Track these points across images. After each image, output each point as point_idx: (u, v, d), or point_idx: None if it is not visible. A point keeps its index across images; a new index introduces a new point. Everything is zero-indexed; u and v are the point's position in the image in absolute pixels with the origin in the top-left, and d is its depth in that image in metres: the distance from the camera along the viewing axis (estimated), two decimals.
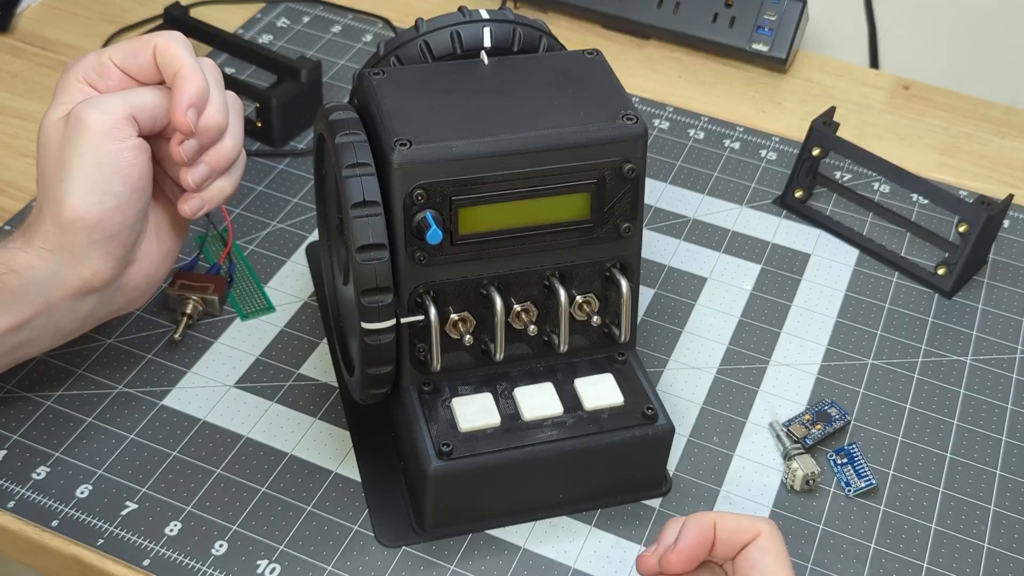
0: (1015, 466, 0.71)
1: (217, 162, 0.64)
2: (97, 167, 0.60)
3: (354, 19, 1.03)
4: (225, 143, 0.64)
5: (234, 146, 0.65)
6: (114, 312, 0.66)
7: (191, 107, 0.61)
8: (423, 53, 0.66)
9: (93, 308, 0.64)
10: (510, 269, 0.64)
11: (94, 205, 0.60)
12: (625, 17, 1.02)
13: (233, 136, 0.65)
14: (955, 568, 0.65)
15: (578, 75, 0.65)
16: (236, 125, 0.65)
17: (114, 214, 0.61)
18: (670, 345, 0.76)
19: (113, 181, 0.60)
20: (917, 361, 0.76)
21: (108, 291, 0.64)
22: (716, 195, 0.88)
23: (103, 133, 0.60)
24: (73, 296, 0.62)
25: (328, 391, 0.72)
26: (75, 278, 0.62)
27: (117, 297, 0.65)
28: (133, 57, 0.63)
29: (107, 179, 0.60)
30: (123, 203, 0.61)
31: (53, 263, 0.61)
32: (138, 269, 0.65)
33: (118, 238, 0.62)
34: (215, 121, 0.63)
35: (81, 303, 0.63)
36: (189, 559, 0.63)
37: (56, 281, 0.61)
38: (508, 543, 0.65)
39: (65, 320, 0.63)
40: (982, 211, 0.78)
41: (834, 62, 1.03)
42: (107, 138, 0.60)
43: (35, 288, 0.61)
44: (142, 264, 0.65)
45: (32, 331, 0.62)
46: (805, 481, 0.68)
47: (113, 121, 0.60)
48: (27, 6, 1.01)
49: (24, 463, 0.67)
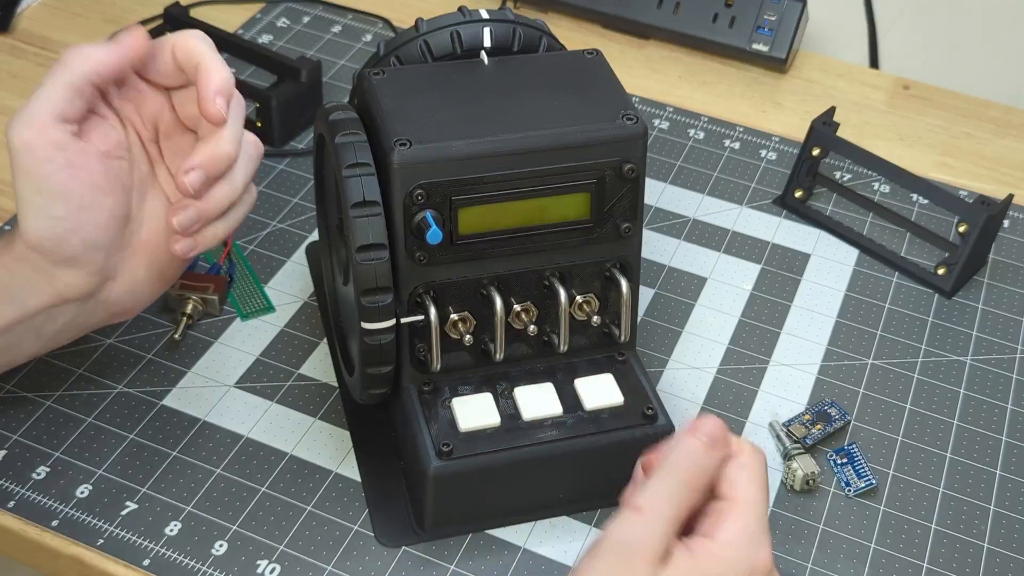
0: (1015, 466, 0.71)
1: (207, 209, 0.61)
2: (34, 191, 0.58)
3: (354, 19, 1.03)
4: (221, 189, 0.61)
5: (229, 192, 0.61)
6: (99, 324, 0.65)
7: (219, 94, 0.58)
8: (423, 53, 0.66)
9: (73, 318, 0.63)
10: (510, 269, 0.64)
11: (45, 230, 0.58)
12: (625, 17, 1.02)
13: (231, 183, 0.61)
14: (955, 568, 0.65)
15: (578, 75, 0.66)
16: (241, 169, 0.62)
17: (68, 236, 0.58)
18: (670, 345, 0.76)
19: (54, 204, 0.58)
20: (917, 361, 0.76)
21: (87, 304, 0.62)
22: (716, 195, 0.88)
23: (32, 153, 0.57)
24: (50, 305, 0.61)
25: (328, 391, 0.72)
26: (49, 290, 0.60)
27: (98, 310, 0.63)
28: (152, 57, 0.61)
29: (46, 203, 0.58)
30: (74, 224, 0.58)
31: (27, 274, 0.60)
32: (119, 286, 0.63)
33: (81, 259, 0.59)
34: (224, 153, 0.60)
35: (59, 312, 0.62)
36: (189, 559, 0.63)
37: (31, 291, 0.60)
38: (508, 543, 0.65)
39: (46, 327, 0.62)
40: (982, 211, 0.78)
41: (834, 62, 1.03)
42: (36, 161, 0.57)
43: (12, 294, 0.60)
44: (124, 280, 0.63)
45: (13, 336, 0.62)
46: (805, 481, 0.68)
47: (40, 138, 0.57)
48: (27, 6, 1.01)
49: (24, 463, 0.67)
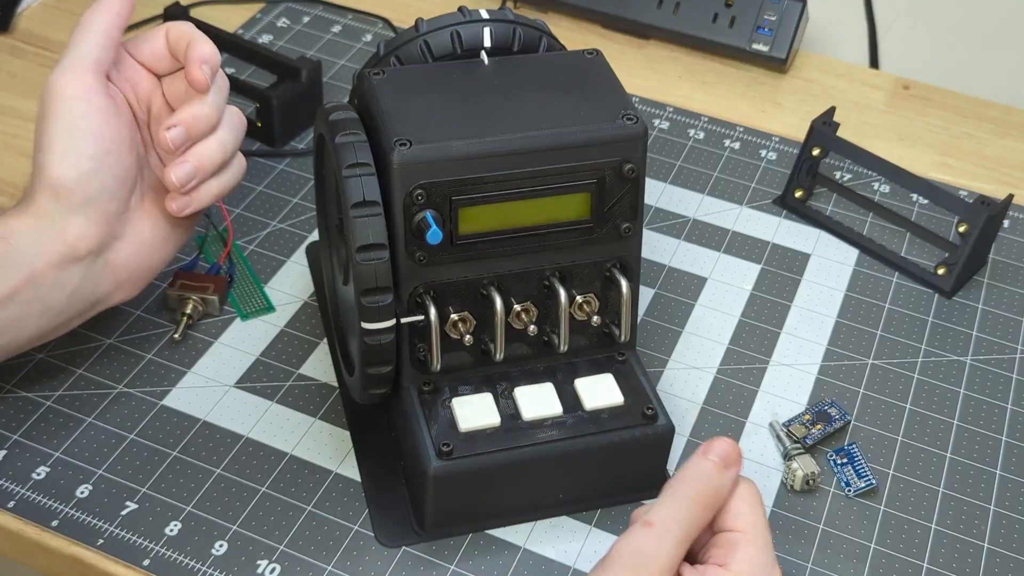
0: (1015, 466, 0.71)
1: (202, 161, 0.65)
2: (68, 132, 0.62)
3: (354, 19, 1.03)
4: (211, 141, 0.66)
5: (220, 148, 0.66)
6: (103, 296, 0.66)
7: (203, 63, 0.64)
8: (423, 53, 0.66)
9: (79, 282, 0.64)
10: (510, 269, 0.64)
11: (69, 168, 0.62)
12: (625, 17, 1.02)
13: (220, 141, 0.66)
14: (955, 568, 0.65)
15: (578, 75, 0.66)
16: (228, 133, 0.67)
17: (90, 177, 0.63)
18: (670, 345, 0.76)
19: (84, 144, 0.62)
20: (917, 361, 0.77)
21: (95, 265, 0.64)
22: (716, 195, 0.88)
23: (72, 98, 0.63)
24: (58, 264, 0.63)
25: (328, 391, 0.72)
26: (59, 243, 0.62)
27: (105, 275, 0.65)
28: (146, 42, 0.67)
29: (78, 142, 0.62)
30: (98, 165, 0.63)
31: (37, 229, 0.62)
32: (126, 246, 0.66)
33: (98, 202, 0.63)
34: (204, 113, 0.65)
35: (66, 273, 0.63)
36: (189, 559, 0.63)
37: (41, 247, 0.62)
38: (508, 543, 0.65)
39: (52, 295, 0.63)
40: (982, 211, 0.78)
41: (834, 62, 1.03)
42: (75, 102, 0.63)
43: (20, 255, 0.62)
44: (130, 242, 0.66)
45: (19, 306, 0.62)
46: (805, 481, 0.68)
47: (80, 85, 0.63)
48: (27, 6, 1.01)
49: (24, 463, 0.67)
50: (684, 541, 0.53)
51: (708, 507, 0.54)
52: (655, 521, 0.53)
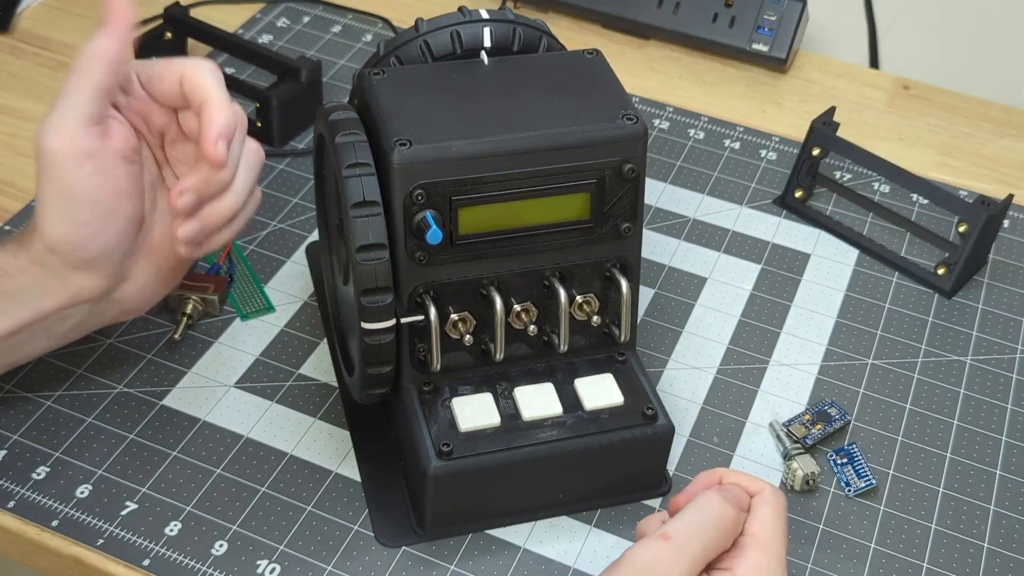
0: (1015, 466, 0.71)
1: (211, 220, 0.62)
2: (60, 196, 0.59)
3: (354, 19, 1.03)
4: (224, 202, 0.62)
5: (232, 204, 0.62)
6: (109, 322, 0.66)
7: (220, 138, 0.59)
8: (423, 53, 0.66)
9: (85, 317, 0.64)
10: (510, 269, 0.64)
11: (65, 234, 0.59)
12: (625, 17, 1.02)
13: (234, 196, 0.62)
14: (955, 568, 0.65)
15: (578, 75, 0.65)
16: (243, 179, 0.62)
17: (88, 242, 0.60)
18: (670, 345, 0.76)
19: (79, 210, 0.59)
20: (917, 361, 0.76)
21: (100, 304, 0.64)
22: (716, 195, 0.88)
23: (62, 161, 0.58)
24: (64, 306, 0.62)
25: (328, 391, 0.72)
26: (63, 292, 0.61)
27: (111, 309, 0.65)
28: (159, 81, 0.62)
29: (72, 209, 0.59)
30: (96, 230, 0.60)
31: (42, 275, 0.61)
32: (132, 285, 0.64)
33: (98, 261, 0.61)
34: (217, 180, 0.61)
35: (71, 313, 0.63)
36: (189, 559, 0.63)
37: (45, 292, 0.61)
38: (508, 543, 0.65)
39: (57, 326, 0.63)
40: (982, 211, 0.78)
41: (834, 62, 1.03)
42: (66, 166, 0.58)
43: (26, 295, 0.61)
44: (136, 281, 0.64)
45: (25, 335, 0.63)
46: (805, 481, 0.68)
47: (71, 147, 0.58)
48: (27, 6, 1.01)
49: (24, 463, 0.67)
50: (700, 562, 0.52)
51: (730, 532, 0.53)
52: (673, 535, 0.51)
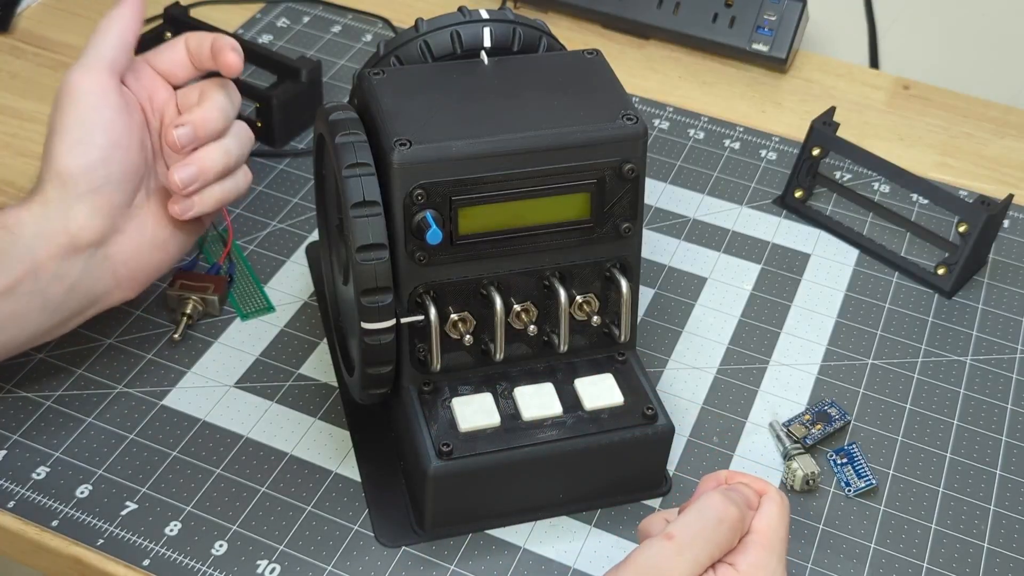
0: (1015, 466, 0.71)
1: (205, 165, 0.67)
2: (79, 122, 0.65)
3: (354, 19, 1.03)
4: (215, 147, 0.67)
5: (224, 154, 0.68)
6: (102, 292, 0.67)
7: (234, 49, 0.67)
8: (423, 53, 0.66)
9: (79, 275, 0.65)
10: (510, 269, 0.64)
11: (78, 156, 0.64)
12: (625, 17, 1.02)
13: (225, 148, 0.68)
14: (955, 568, 0.65)
15: (578, 75, 0.65)
16: (234, 142, 0.69)
17: (97, 165, 0.64)
18: (670, 345, 0.76)
19: (94, 134, 0.64)
20: (917, 361, 0.77)
21: (94, 258, 0.65)
22: (716, 195, 0.88)
23: (86, 92, 0.65)
24: (60, 255, 0.63)
25: (328, 391, 0.72)
26: (62, 231, 0.64)
27: (104, 270, 0.66)
28: (166, 49, 0.70)
29: (88, 132, 0.64)
30: (106, 156, 0.64)
31: (42, 217, 0.64)
32: (127, 241, 0.66)
33: (102, 192, 0.65)
34: (212, 116, 0.67)
35: (67, 264, 0.64)
36: (189, 559, 0.63)
37: (43, 237, 0.63)
38: (508, 543, 0.65)
39: (52, 287, 0.64)
40: (982, 211, 0.78)
41: (834, 62, 1.03)
42: (89, 96, 0.65)
43: (23, 244, 0.63)
44: (132, 237, 0.67)
45: (20, 298, 0.63)
46: (805, 481, 0.68)
47: (95, 81, 0.65)
48: (27, 6, 1.01)
49: (24, 463, 0.67)
50: (704, 562, 0.51)
51: (734, 531, 0.53)
52: (676, 534, 0.51)
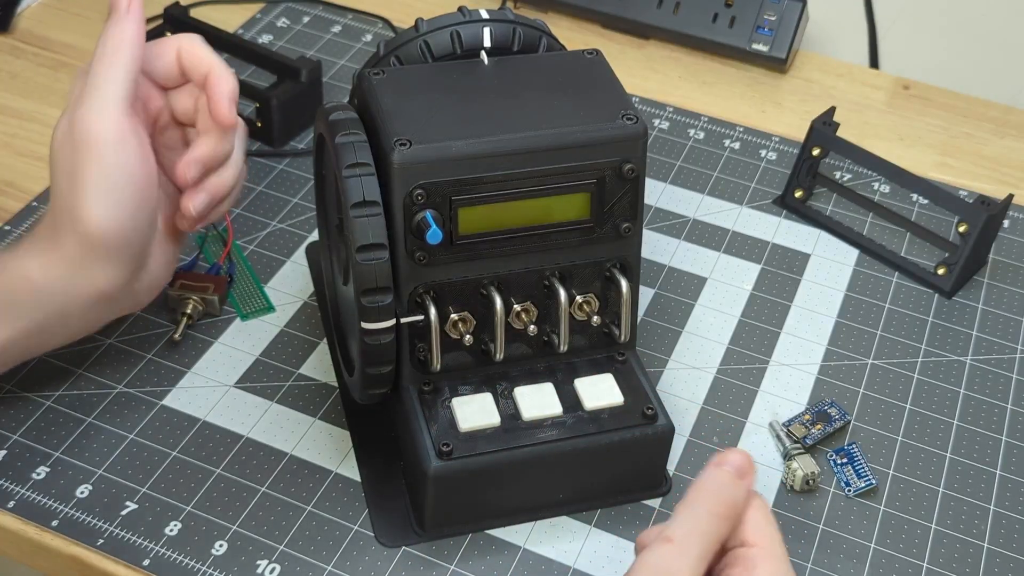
0: (1015, 466, 0.71)
1: (217, 191, 0.66)
2: (104, 179, 0.60)
3: (354, 19, 1.03)
4: (227, 172, 0.66)
5: (234, 176, 0.67)
6: (120, 313, 0.68)
7: (231, 102, 0.63)
8: (423, 53, 0.66)
9: (104, 312, 0.65)
10: (510, 269, 0.64)
11: (111, 218, 0.60)
12: (625, 17, 1.02)
13: (235, 166, 0.67)
14: (955, 568, 0.65)
15: (578, 75, 0.65)
16: (239, 153, 0.67)
17: (128, 223, 0.61)
18: (670, 345, 0.76)
19: (123, 193, 0.61)
20: (917, 361, 0.77)
21: (121, 294, 0.64)
22: (716, 195, 0.88)
23: (106, 144, 0.60)
24: (90, 305, 0.63)
25: (328, 391, 0.72)
26: (91, 288, 0.62)
27: (127, 300, 0.66)
28: (156, 59, 0.65)
29: (116, 192, 0.60)
30: (135, 210, 0.61)
31: (69, 274, 0.62)
32: (146, 274, 0.66)
33: (132, 246, 0.62)
34: (223, 151, 0.65)
35: (94, 309, 0.64)
36: (189, 559, 0.63)
37: (72, 292, 0.62)
38: (508, 543, 0.65)
39: (77, 324, 0.65)
40: (982, 211, 0.78)
41: (834, 62, 1.03)
42: (110, 148, 0.60)
43: (50, 296, 0.62)
44: (150, 269, 0.66)
45: (44, 335, 0.64)
46: (805, 481, 0.68)
47: (115, 128, 0.60)
48: (27, 6, 1.01)
49: (24, 463, 0.67)
50: (705, 556, 0.51)
51: (728, 519, 0.53)
52: (675, 536, 0.51)
